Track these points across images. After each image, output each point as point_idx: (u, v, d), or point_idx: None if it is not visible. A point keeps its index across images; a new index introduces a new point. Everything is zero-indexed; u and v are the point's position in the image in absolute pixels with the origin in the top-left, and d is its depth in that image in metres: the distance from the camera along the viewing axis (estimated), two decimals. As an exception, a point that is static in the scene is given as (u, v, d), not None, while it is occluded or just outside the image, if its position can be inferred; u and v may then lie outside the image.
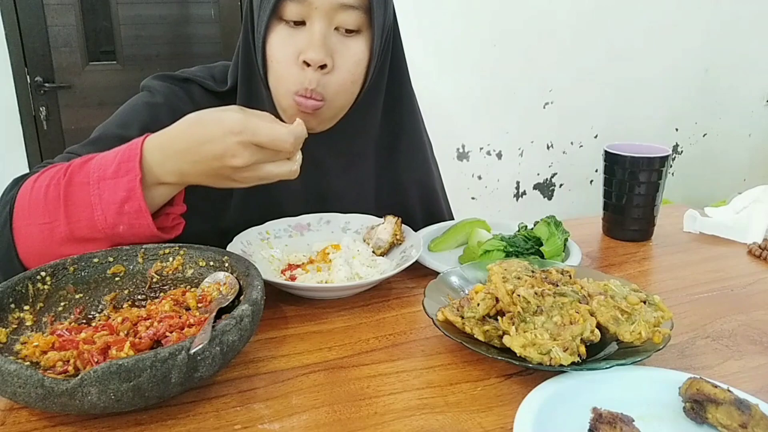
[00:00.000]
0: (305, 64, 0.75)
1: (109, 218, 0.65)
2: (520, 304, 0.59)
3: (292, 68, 0.76)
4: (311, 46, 0.74)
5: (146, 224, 0.66)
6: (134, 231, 0.67)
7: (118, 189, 0.65)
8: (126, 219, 0.65)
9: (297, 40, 0.75)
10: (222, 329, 0.53)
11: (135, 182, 0.64)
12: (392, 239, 0.84)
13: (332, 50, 0.75)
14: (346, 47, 0.77)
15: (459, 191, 2.89)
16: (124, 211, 0.65)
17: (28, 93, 2.33)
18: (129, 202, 0.65)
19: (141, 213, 0.65)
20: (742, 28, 3.19)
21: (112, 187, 0.65)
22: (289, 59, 0.76)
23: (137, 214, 0.65)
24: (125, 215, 0.65)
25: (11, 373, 0.47)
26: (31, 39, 2.29)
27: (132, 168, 0.64)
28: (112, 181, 0.65)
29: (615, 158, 0.97)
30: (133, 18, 2.41)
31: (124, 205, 0.65)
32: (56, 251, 0.67)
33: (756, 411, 0.49)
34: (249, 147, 0.62)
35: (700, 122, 3.32)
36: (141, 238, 0.68)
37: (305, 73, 0.75)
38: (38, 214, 0.67)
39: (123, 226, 0.66)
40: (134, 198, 0.64)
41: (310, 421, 0.53)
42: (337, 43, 0.76)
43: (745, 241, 0.98)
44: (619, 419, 0.48)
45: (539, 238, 0.86)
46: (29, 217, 0.68)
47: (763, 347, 0.67)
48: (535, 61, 2.84)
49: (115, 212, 0.65)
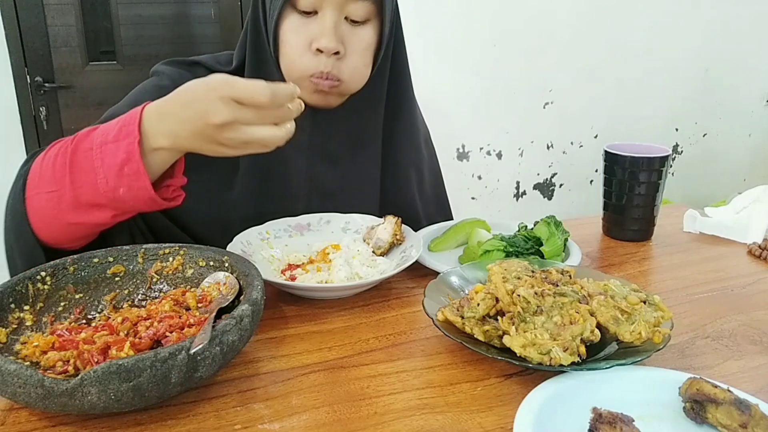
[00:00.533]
0: (318, 51, 0.78)
1: (110, 181, 0.67)
2: (520, 304, 0.59)
3: (305, 54, 0.79)
4: (324, 35, 0.77)
5: (144, 186, 0.67)
6: (134, 194, 0.67)
7: (119, 151, 0.66)
8: (126, 181, 0.66)
9: (309, 28, 0.78)
10: (222, 329, 0.53)
11: (134, 145, 0.65)
12: (392, 239, 0.83)
13: (343, 38, 0.79)
14: (356, 35, 0.81)
15: (459, 191, 2.89)
16: (123, 173, 0.66)
17: (28, 93, 2.33)
18: (128, 164, 0.66)
19: (139, 175, 0.66)
20: (742, 28, 3.19)
21: (113, 150, 0.66)
22: (302, 46, 0.79)
23: (136, 176, 0.66)
24: (125, 177, 0.66)
25: (11, 373, 0.47)
26: (31, 39, 2.29)
27: (131, 132, 0.66)
28: (113, 145, 0.67)
29: (615, 158, 0.97)
30: (133, 18, 2.41)
31: (123, 167, 0.66)
32: (63, 219, 0.69)
33: (756, 411, 0.49)
34: (229, 103, 0.62)
35: (700, 122, 3.32)
36: (141, 202, 0.68)
37: (319, 58, 0.79)
38: (47, 183, 0.69)
39: (123, 189, 0.67)
40: (133, 160, 0.66)
41: (310, 421, 0.53)
42: (346, 32, 0.80)
43: (745, 241, 0.98)
44: (619, 419, 0.48)
45: (539, 238, 0.86)
46: (39, 186, 0.70)
47: (763, 347, 0.67)
48: (535, 61, 2.84)
49: (116, 174, 0.66)
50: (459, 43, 2.70)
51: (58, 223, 0.70)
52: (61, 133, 2.41)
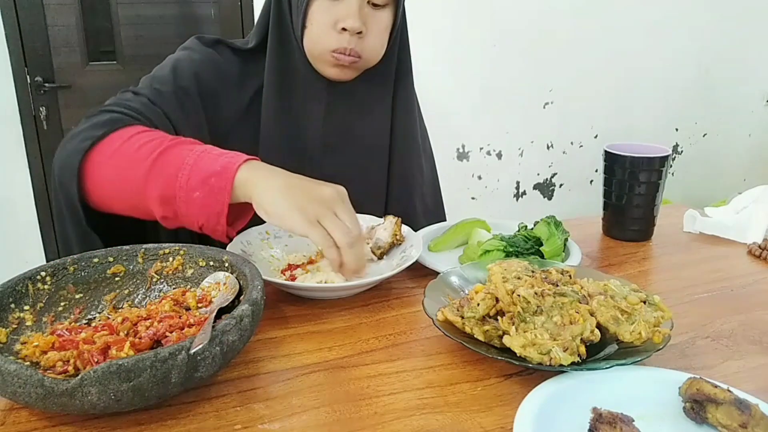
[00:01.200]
0: (343, 30, 0.86)
1: (192, 181, 0.71)
2: (520, 304, 0.59)
3: (330, 33, 0.87)
4: (350, 16, 0.85)
5: (222, 202, 0.70)
6: (206, 203, 0.71)
7: (215, 164, 0.71)
8: (206, 189, 0.70)
9: (336, 10, 0.86)
10: (222, 329, 0.53)
11: (233, 165, 0.71)
12: (392, 239, 0.83)
13: (366, 19, 0.87)
14: (376, 18, 0.89)
15: (459, 191, 2.89)
16: (209, 182, 0.70)
17: (28, 93, 2.33)
18: (217, 177, 0.70)
19: (223, 192, 0.70)
20: (742, 28, 3.19)
21: (210, 160, 0.72)
22: (328, 25, 0.87)
23: (219, 191, 0.70)
24: (207, 186, 0.70)
25: (11, 373, 0.47)
26: (31, 39, 2.29)
27: (237, 157, 0.72)
28: (212, 157, 0.72)
29: (615, 158, 0.97)
30: (133, 18, 2.41)
31: (212, 177, 0.70)
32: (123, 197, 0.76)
33: (756, 411, 0.49)
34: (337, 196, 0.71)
35: (700, 122, 3.32)
36: (205, 214, 0.71)
37: (343, 36, 0.87)
38: (121, 160, 0.75)
39: (199, 193, 0.70)
40: (224, 176, 0.70)
41: (310, 421, 0.53)
42: (369, 14, 0.88)
43: (745, 241, 0.98)
44: (619, 419, 0.48)
45: (539, 238, 0.86)
46: (111, 158, 0.75)
47: (763, 347, 0.67)
48: (535, 61, 2.84)
49: (201, 180, 0.70)
50: (459, 43, 2.70)
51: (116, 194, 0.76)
52: (61, 134, 2.41)
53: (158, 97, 0.87)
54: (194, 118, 0.90)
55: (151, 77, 0.91)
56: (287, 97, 0.94)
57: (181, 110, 0.89)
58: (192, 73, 0.91)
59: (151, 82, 0.90)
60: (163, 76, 0.90)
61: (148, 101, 0.86)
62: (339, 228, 0.69)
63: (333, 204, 0.70)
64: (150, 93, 0.88)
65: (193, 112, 0.90)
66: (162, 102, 0.87)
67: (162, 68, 0.93)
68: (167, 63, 0.94)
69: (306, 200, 0.69)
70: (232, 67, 0.95)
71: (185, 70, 0.91)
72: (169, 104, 0.87)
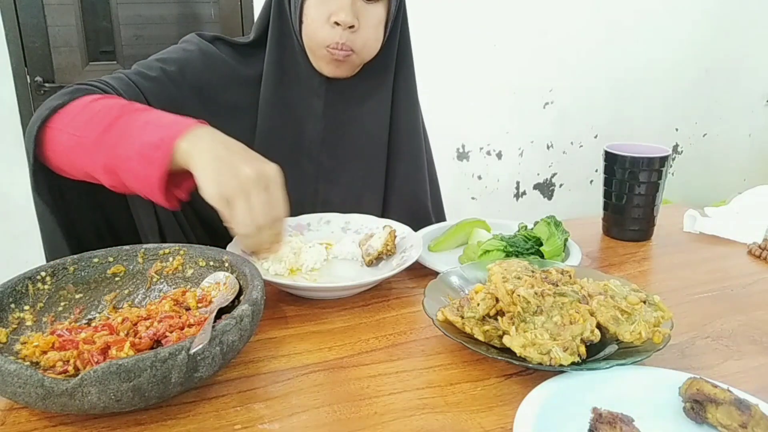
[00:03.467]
0: (336, 24, 0.87)
1: (129, 151, 0.70)
2: (520, 304, 0.59)
3: (324, 27, 0.88)
4: (342, 9, 0.86)
5: (156, 175, 0.69)
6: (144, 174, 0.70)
7: (155, 134, 0.70)
8: (143, 161, 0.69)
9: (329, 4, 0.87)
10: (222, 329, 0.53)
11: (171, 139, 0.69)
12: (383, 249, 0.82)
13: (358, 13, 0.88)
14: (369, 12, 0.89)
15: (459, 191, 2.89)
16: (146, 154, 0.69)
17: (28, 93, 2.32)
18: (155, 150, 0.69)
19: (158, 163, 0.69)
20: (742, 29, 3.19)
21: (152, 131, 0.71)
22: (322, 19, 0.88)
23: (155, 162, 0.69)
24: (145, 158, 0.69)
25: (11, 373, 0.47)
26: (31, 39, 2.28)
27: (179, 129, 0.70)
28: (155, 128, 0.71)
29: (615, 158, 0.97)
30: (133, 18, 2.41)
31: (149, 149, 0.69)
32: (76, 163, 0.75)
33: (756, 411, 0.49)
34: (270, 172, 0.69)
35: (700, 122, 3.32)
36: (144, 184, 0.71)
37: (335, 30, 0.87)
38: (75, 127, 0.75)
39: (135, 163, 0.70)
40: (162, 149, 0.69)
41: (310, 421, 0.53)
42: (361, 8, 0.88)
43: (745, 241, 0.98)
44: (619, 419, 0.48)
45: (539, 238, 0.86)
46: (67, 126, 0.76)
47: (763, 347, 0.67)
48: (535, 61, 2.84)
49: (137, 150, 0.70)
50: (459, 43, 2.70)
51: (69, 160, 0.76)
52: (61, 133, 2.41)
53: (139, 79, 0.88)
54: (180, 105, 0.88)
55: (139, 63, 0.93)
56: (286, 92, 0.95)
57: (164, 93, 0.89)
58: (181, 61, 0.92)
59: (138, 66, 0.91)
60: (150, 61, 0.92)
61: (128, 80, 0.87)
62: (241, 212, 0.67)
63: (249, 184, 0.67)
64: (132, 73, 0.89)
65: (178, 99, 0.90)
66: (140, 82, 0.88)
67: (152, 56, 0.94)
68: (160, 52, 0.95)
69: (227, 174, 0.67)
70: (229, 60, 0.96)
71: (174, 59, 0.93)
72: (148, 84, 0.88)
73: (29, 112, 2.33)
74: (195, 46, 0.96)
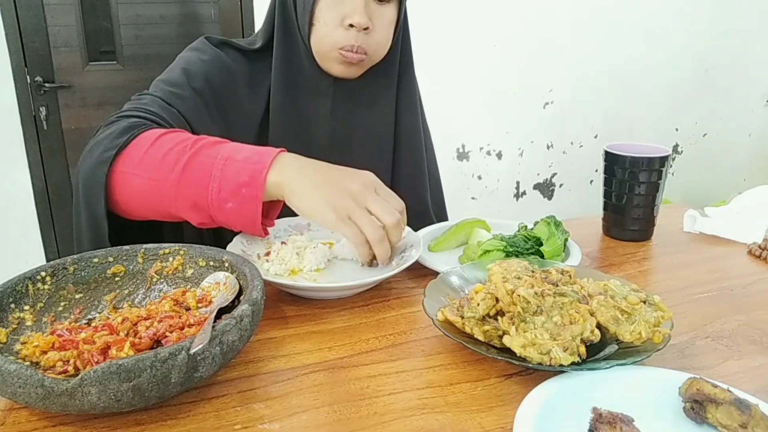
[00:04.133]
0: (350, 26, 0.87)
1: (222, 192, 0.71)
2: (520, 304, 0.59)
3: (337, 30, 0.88)
4: (356, 12, 0.86)
5: (254, 210, 0.71)
6: (240, 212, 0.72)
7: (243, 172, 0.71)
8: (238, 200, 0.71)
9: (342, 6, 0.87)
10: (222, 329, 0.53)
11: (261, 173, 0.71)
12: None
13: (371, 15, 0.88)
14: (381, 13, 0.90)
15: (459, 191, 2.89)
16: (240, 193, 0.71)
17: (28, 93, 2.33)
18: (248, 187, 0.71)
19: (255, 200, 0.71)
20: (742, 28, 3.19)
21: (237, 168, 0.72)
22: (335, 22, 0.88)
23: (251, 201, 0.71)
24: (239, 197, 0.71)
25: (11, 373, 0.47)
26: (31, 39, 2.29)
27: (263, 161, 0.72)
28: (239, 164, 0.72)
29: (615, 158, 0.97)
30: (133, 18, 2.41)
31: (242, 188, 0.71)
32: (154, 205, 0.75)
33: (756, 411, 0.49)
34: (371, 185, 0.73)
35: (700, 122, 3.33)
36: (241, 222, 0.73)
37: (350, 33, 0.87)
38: (148, 169, 0.74)
39: (232, 204, 0.71)
40: (254, 185, 0.70)
41: (310, 421, 0.53)
42: (374, 9, 0.88)
43: (745, 241, 0.98)
44: (619, 419, 0.48)
45: (539, 238, 0.86)
46: (137, 167, 0.75)
47: (763, 347, 0.67)
48: (535, 61, 2.84)
49: (231, 191, 0.71)
50: (459, 43, 2.70)
51: (145, 204, 0.76)
52: (61, 133, 2.41)
53: (173, 99, 0.87)
54: (210, 118, 0.91)
55: (162, 80, 0.91)
56: (295, 96, 0.95)
57: (197, 111, 0.89)
58: (204, 74, 0.92)
59: (163, 85, 0.90)
60: (175, 78, 0.91)
61: (164, 103, 0.86)
62: (369, 223, 0.70)
63: (362, 197, 0.71)
64: (164, 95, 0.88)
65: (208, 113, 0.90)
66: (177, 103, 0.87)
67: (172, 70, 0.93)
68: (177, 64, 0.94)
69: (336, 196, 0.70)
70: (241, 67, 0.96)
71: (197, 71, 0.92)
72: (184, 105, 0.88)
73: (29, 112, 2.34)
74: (209, 55, 0.95)
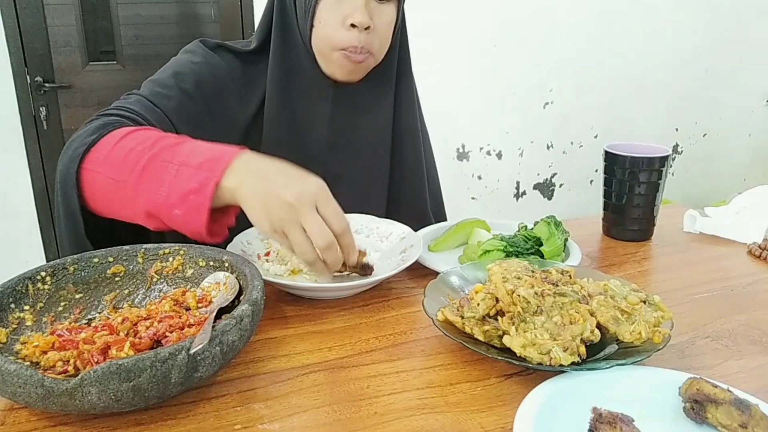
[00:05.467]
0: (352, 26, 0.86)
1: (171, 199, 0.69)
2: (520, 304, 0.59)
3: (339, 30, 0.87)
4: (358, 11, 0.85)
5: (200, 220, 0.69)
6: (187, 220, 0.69)
7: (194, 179, 0.69)
8: (186, 207, 0.69)
9: (342, 7, 0.87)
10: (222, 329, 0.53)
11: (211, 181, 0.68)
12: None
13: (372, 14, 0.87)
14: (382, 12, 0.89)
15: (459, 191, 2.89)
16: (188, 199, 0.69)
17: (28, 93, 2.33)
18: (196, 195, 0.68)
19: (201, 209, 0.68)
20: (742, 28, 3.19)
21: (189, 174, 0.69)
22: (336, 22, 0.87)
23: (198, 209, 0.68)
24: (187, 203, 0.69)
25: (11, 373, 0.47)
26: (31, 39, 2.29)
27: (216, 168, 0.69)
28: (192, 170, 0.69)
29: (615, 158, 0.97)
30: (133, 18, 2.41)
31: (190, 195, 0.68)
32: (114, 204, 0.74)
33: (756, 411, 0.49)
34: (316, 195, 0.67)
35: (700, 122, 3.32)
36: (188, 228, 0.71)
37: (352, 33, 0.86)
38: (111, 169, 0.73)
39: (179, 211, 0.69)
40: (202, 194, 0.68)
41: (310, 421, 0.53)
42: (374, 8, 0.88)
43: (745, 241, 0.98)
44: (619, 419, 0.48)
45: (539, 238, 0.86)
46: (102, 166, 0.74)
47: (763, 347, 0.67)
48: (535, 61, 2.84)
49: (180, 197, 0.69)
50: (459, 43, 2.70)
51: (109, 204, 0.75)
52: (61, 133, 2.41)
53: (159, 99, 0.87)
54: (198, 119, 0.90)
55: (152, 81, 0.91)
56: (292, 98, 0.94)
57: (183, 112, 0.89)
58: (194, 76, 0.91)
59: (152, 85, 0.90)
60: (164, 79, 0.90)
61: (149, 102, 0.86)
62: (300, 242, 0.66)
63: (296, 213, 0.65)
64: (151, 95, 0.88)
65: (196, 114, 0.90)
66: (163, 103, 0.87)
67: (164, 71, 0.93)
68: (169, 66, 0.93)
69: (273, 206, 0.66)
70: (235, 70, 0.95)
71: (187, 73, 0.91)
72: (170, 105, 0.87)
73: (29, 112, 2.34)
74: (201, 57, 0.94)
